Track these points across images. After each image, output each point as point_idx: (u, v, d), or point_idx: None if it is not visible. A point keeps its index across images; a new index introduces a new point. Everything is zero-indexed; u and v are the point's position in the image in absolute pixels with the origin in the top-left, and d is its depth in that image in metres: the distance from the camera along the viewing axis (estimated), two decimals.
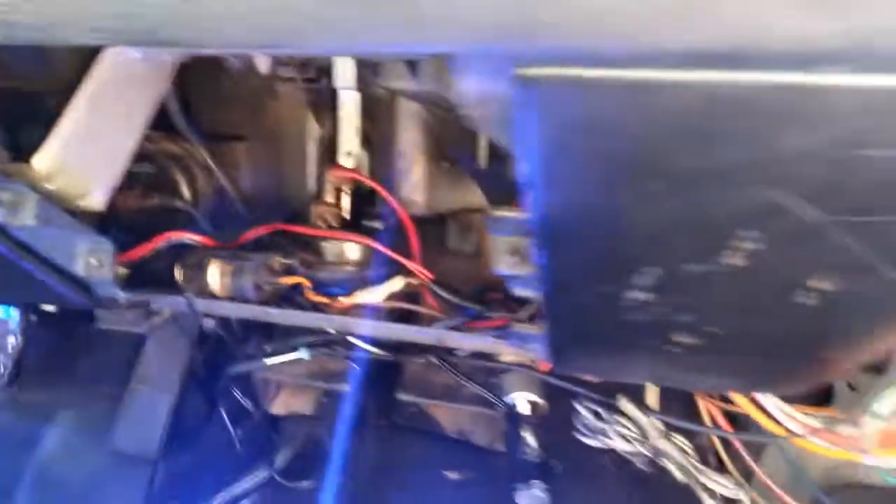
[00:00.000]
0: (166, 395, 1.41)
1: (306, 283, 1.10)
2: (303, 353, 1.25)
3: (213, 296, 1.09)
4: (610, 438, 0.98)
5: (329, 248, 1.16)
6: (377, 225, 1.18)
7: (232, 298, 1.09)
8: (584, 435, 1.00)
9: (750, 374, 0.77)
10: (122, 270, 1.12)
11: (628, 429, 0.97)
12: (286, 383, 1.29)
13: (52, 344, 1.69)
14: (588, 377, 1.02)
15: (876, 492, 1.13)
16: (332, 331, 1.20)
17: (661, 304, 0.66)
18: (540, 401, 1.10)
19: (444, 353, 1.19)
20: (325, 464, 1.27)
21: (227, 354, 1.31)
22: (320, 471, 1.27)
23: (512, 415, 1.10)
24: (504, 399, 1.11)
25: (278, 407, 1.32)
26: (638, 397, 0.99)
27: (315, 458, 1.27)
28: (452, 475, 1.21)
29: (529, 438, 1.07)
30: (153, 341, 1.46)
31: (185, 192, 1.25)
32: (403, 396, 1.24)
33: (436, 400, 1.24)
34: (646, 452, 0.98)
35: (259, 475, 1.24)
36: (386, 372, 1.27)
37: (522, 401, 1.10)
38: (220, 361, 1.31)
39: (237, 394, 1.34)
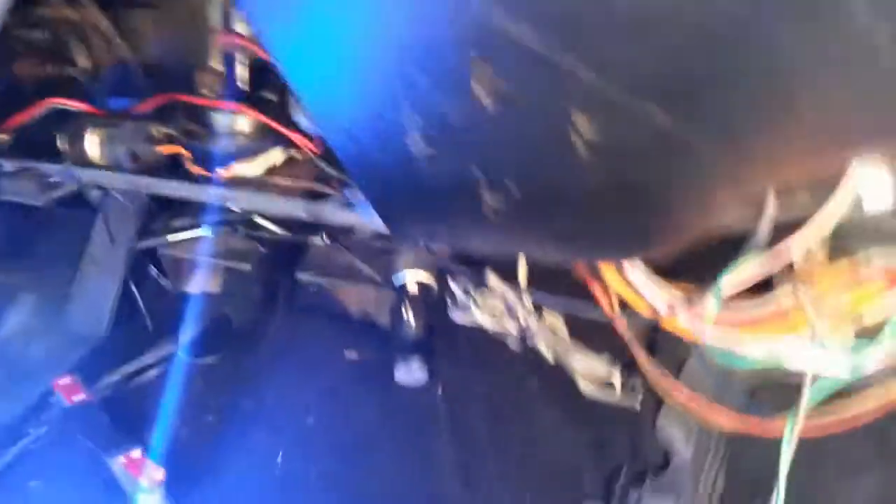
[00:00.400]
0: (114, 276, 1.41)
1: (185, 152, 1.06)
2: (205, 231, 1.23)
3: (92, 165, 1.07)
4: (477, 315, 0.94)
5: (219, 120, 1.11)
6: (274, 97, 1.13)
7: (110, 167, 1.07)
8: (454, 311, 0.97)
9: (574, 235, 0.71)
10: (3, 137, 1.10)
11: (496, 305, 0.93)
12: (194, 261, 1.27)
13: (12, 227, 1.70)
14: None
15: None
16: (235, 209, 1.17)
17: (443, 155, 0.61)
18: (428, 278, 1.06)
19: (345, 232, 1.15)
20: (229, 341, 1.28)
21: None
22: (225, 347, 1.27)
23: (398, 292, 1.07)
24: (394, 276, 1.08)
25: (189, 285, 1.31)
26: (511, 273, 0.94)
27: (221, 335, 1.27)
28: (352, 355, 1.20)
29: (412, 315, 1.04)
30: (100, 222, 1.45)
31: (83, 61, 1.21)
32: (305, 276, 1.22)
33: (338, 280, 1.21)
34: (515, 331, 0.94)
35: (163, 350, 1.25)
36: (289, 251, 1.24)
37: (410, 278, 1.06)
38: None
39: (151, 270, 1.33)
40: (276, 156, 1.05)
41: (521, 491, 1.13)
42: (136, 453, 1.05)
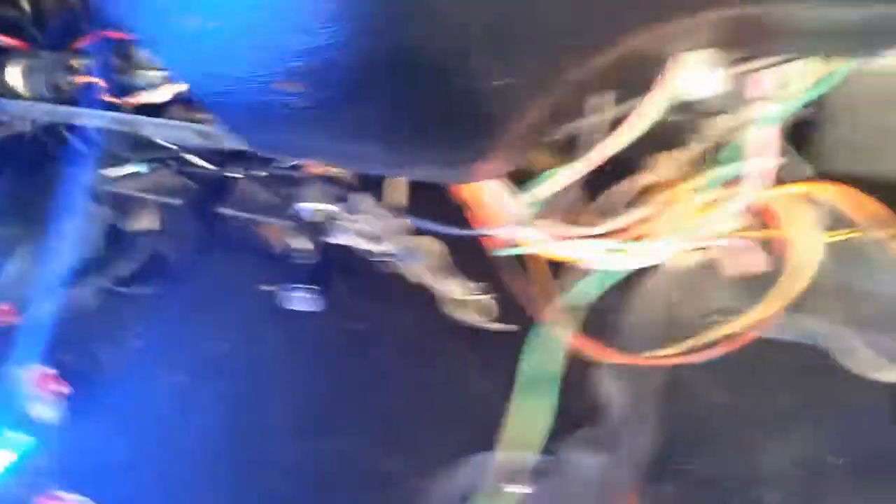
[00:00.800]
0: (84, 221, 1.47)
1: (99, 81, 1.10)
2: (140, 167, 1.27)
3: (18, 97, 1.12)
4: (353, 237, 0.94)
5: (138, 53, 1.15)
6: None
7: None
8: (334, 234, 0.97)
9: (389, 136, 0.71)
10: None
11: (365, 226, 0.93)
12: (131, 197, 1.32)
13: (16, 186, 1.79)
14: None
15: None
16: (169, 144, 1.21)
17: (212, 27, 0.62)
18: (328, 208, 1.07)
19: (265, 166, 1.18)
20: (164, 274, 1.32)
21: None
22: (160, 280, 1.32)
23: (299, 222, 1.08)
24: (296, 207, 1.10)
25: (129, 222, 1.35)
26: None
27: (157, 270, 1.32)
28: (267, 288, 1.22)
29: (303, 243, 1.05)
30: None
31: (25, 3, 1.26)
32: (228, 211, 1.24)
33: (259, 215, 1.23)
34: (384, 252, 0.93)
35: (99, 280, 1.30)
36: (220, 187, 1.27)
37: (306, 207, 1.07)
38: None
39: (101, 207, 1.38)
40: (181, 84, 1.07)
41: (429, 437, 1.12)
42: (48, 370, 1.10)
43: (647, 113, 0.68)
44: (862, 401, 1.07)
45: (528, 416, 0.80)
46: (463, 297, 0.95)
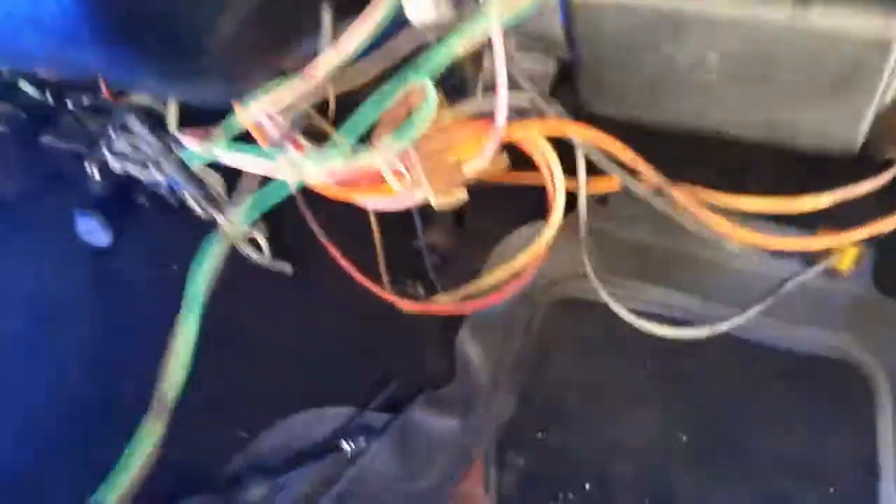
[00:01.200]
0: None
1: None
2: None
3: None
4: (124, 164, 0.90)
5: None
6: None
7: None
8: (110, 159, 0.93)
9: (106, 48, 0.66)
10: None
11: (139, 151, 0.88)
12: None
13: None
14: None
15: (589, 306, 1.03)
16: None
17: None
18: (122, 138, 1.02)
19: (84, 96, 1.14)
20: None
21: None
22: None
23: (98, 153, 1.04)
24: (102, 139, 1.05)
25: None
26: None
27: None
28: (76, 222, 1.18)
29: (97, 171, 1.01)
30: None
31: None
32: (50, 141, 1.20)
33: (82, 146, 1.19)
34: (163, 181, 0.89)
35: None
36: (44, 116, 1.23)
37: (111, 138, 1.03)
38: None
39: None
40: None
41: (235, 386, 1.08)
42: None
43: (361, 31, 0.64)
44: (709, 379, 1.07)
45: (187, 334, 0.77)
46: (236, 230, 0.91)
